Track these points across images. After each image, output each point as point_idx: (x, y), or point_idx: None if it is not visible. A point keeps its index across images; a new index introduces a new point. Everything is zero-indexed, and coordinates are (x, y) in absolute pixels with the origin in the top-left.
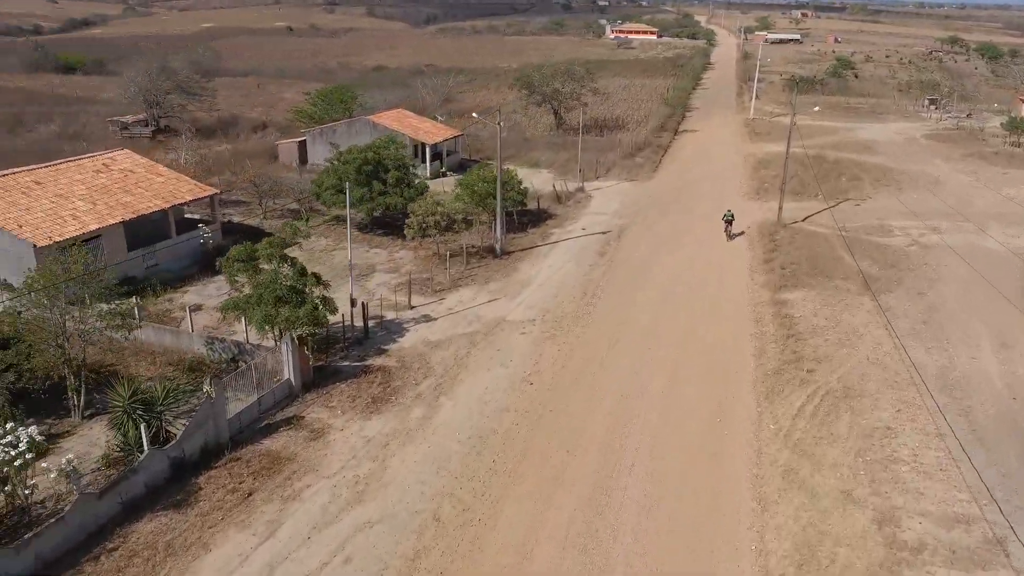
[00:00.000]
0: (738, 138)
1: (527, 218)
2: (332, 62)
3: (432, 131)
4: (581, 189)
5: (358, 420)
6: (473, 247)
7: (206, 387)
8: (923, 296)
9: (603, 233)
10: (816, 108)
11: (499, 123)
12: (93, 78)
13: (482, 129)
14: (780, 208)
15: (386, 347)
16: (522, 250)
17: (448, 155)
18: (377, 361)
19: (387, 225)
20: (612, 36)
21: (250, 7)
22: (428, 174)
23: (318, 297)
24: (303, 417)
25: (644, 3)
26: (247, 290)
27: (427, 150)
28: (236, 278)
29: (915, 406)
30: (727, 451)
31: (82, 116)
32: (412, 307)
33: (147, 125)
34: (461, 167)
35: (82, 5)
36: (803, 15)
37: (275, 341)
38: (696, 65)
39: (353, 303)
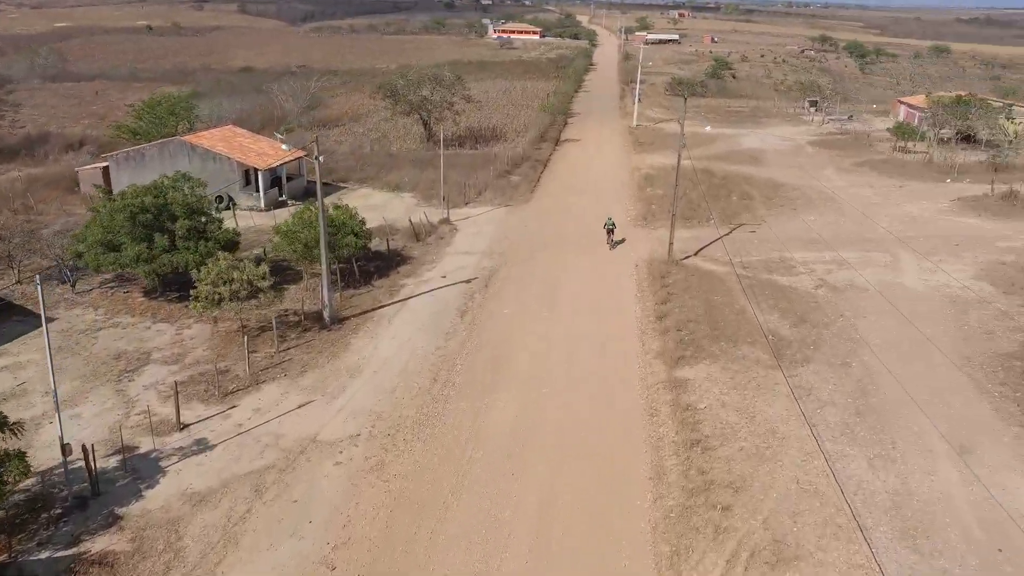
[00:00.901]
0: (621, 148)
1: (375, 264)
2: (194, 63)
3: (268, 153)
4: (446, 220)
5: None
6: (295, 315)
7: None
8: (848, 368)
9: (467, 282)
10: (708, 128)
11: (317, 157)
12: None
13: (339, 144)
14: (671, 244)
15: (123, 509)
16: (361, 314)
17: (290, 180)
18: (98, 543)
19: (186, 286)
20: (494, 36)
21: (112, 5)
22: (263, 205)
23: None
24: None
25: (527, 2)
26: None
27: (260, 176)
28: None
29: (873, 573)
30: None
31: None
32: (183, 427)
33: None
34: (307, 194)
35: None
36: (680, 15)
37: None
38: (578, 67)
39: (65, 451)
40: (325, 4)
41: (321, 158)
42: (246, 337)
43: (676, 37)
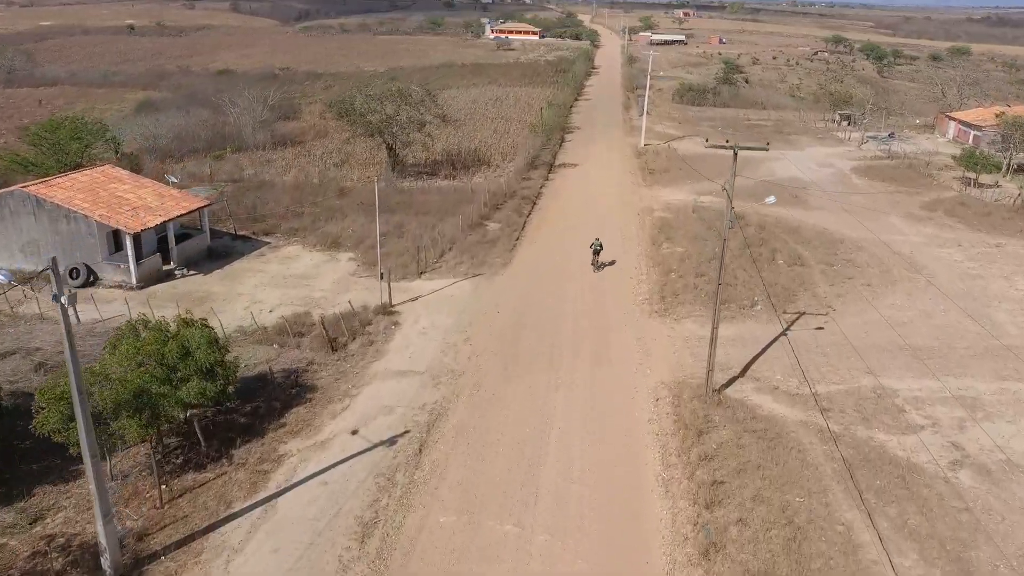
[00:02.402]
0: (628, 177)
1: (250, 409)
2: (172, 65)
3: (151, 205)
4: (385, 308)
5: None
6: (62, 551)
7: None
8: None
9: (391, 443)
10: (771, 200)
11: (61, 300)
12: None
13: (285, 172)
14: (711, 369)
15: None
16: (182, 543)
17: (186, 239)
18: None
19: None
20: (492, 36)
21: (102, 4)
22: (135, 279)
23: None
24: None
25: (527, 1)
26: None
27: (128, 242)
28: None
29: None
30: None
31: None
32: None
33: None
34: (212, 256)
35: None
36: (685, 14)
37: None
38: (578, 71)
39: None
40: (320, 2)
41: (67, 293)
42: None
43: (682, 38)
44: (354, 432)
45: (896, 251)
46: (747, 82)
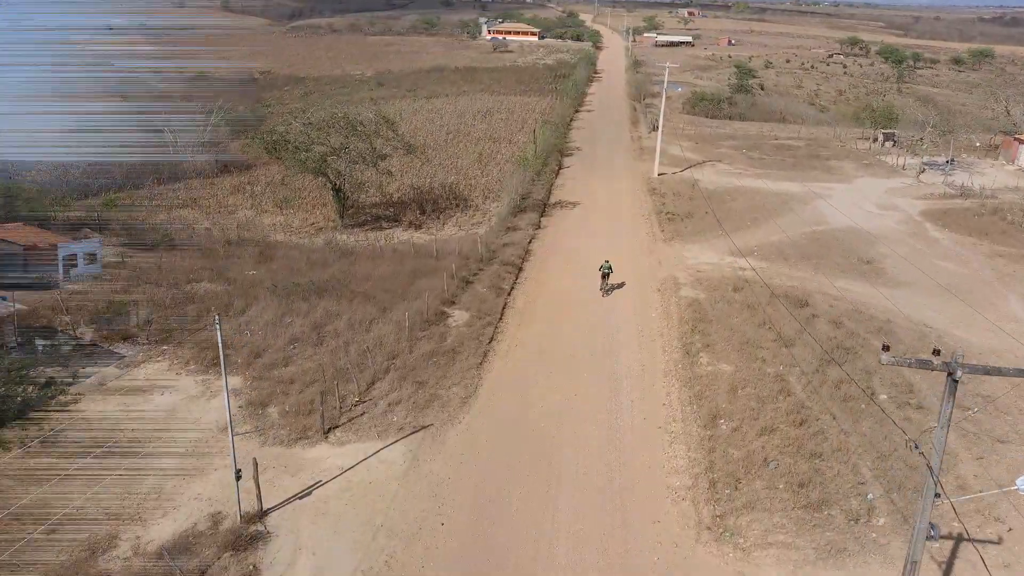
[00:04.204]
0: (642, 226)
1: None
2: (145, 68)
3: None
4: (245, 529)
5: None
6: None
7: None
8: None
9: None
10: None
11: None
12: None
13: (203, 218)
14: None
15: None
16: None
17: None
18: None
19: None
20: (489, 37)
21: (88, 3)
22: None
23: None
24: None
25: (528, 0)
26: None
27: None
28: None
29: None
30: None
31: None
32: None
33: None
34: None
35: None
36: (690, 13)
37: None
38: (579, 77)
39: None
40: (315, 1)
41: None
42: None
43: (689, 39)
44: None
45: None
46: (762, 88)
